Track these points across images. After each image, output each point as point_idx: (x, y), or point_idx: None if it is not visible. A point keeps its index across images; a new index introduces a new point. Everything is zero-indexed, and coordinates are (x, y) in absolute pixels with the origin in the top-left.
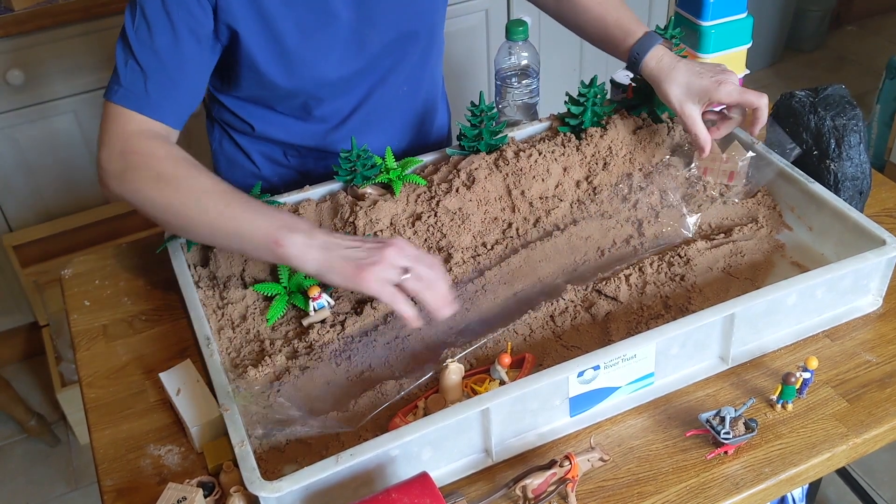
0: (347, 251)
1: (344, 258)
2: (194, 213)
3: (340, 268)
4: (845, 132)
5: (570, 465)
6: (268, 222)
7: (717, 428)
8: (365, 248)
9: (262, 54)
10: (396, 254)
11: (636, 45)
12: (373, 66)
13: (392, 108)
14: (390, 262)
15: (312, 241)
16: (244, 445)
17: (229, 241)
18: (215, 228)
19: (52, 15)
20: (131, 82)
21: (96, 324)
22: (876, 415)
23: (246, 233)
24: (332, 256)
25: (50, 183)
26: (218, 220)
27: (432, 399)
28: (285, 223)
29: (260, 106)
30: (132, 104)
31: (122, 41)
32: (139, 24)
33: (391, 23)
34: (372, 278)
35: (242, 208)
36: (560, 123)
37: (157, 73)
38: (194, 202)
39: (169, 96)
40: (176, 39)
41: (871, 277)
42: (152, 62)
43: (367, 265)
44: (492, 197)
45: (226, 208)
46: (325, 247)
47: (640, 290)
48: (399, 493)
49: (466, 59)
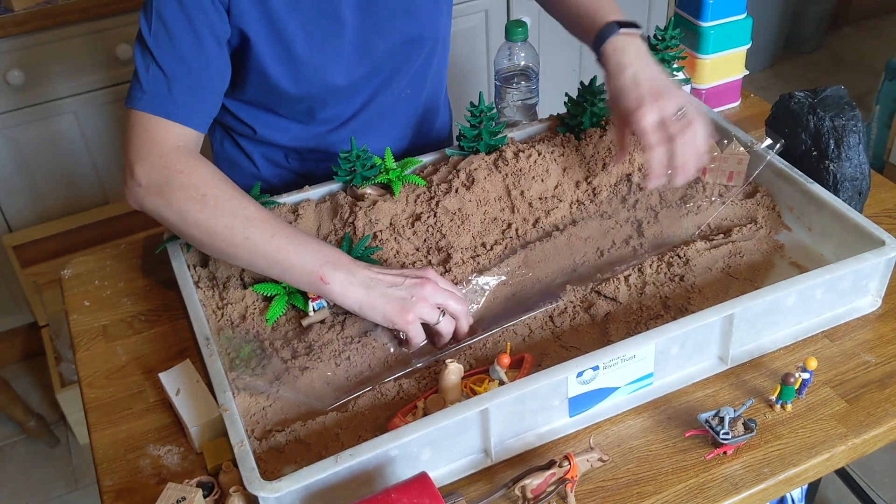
0: (389, 289)
1: (386, 297)
2: (238, 239)
3: (383, 307)
4: (844, 133)
5: (570, 466)
6: (312, 258)
7: (717, 428)
8: (405, 284)
9: (271, 60)
10: (434, 291)
11: (596, 37)
12: (377, 71)
13: (394, 111)
14: (430, 301)
15: (354, 278)
16: (243, 445)
17: (270, 270)
18: (258, 256)
19: (53, 15)
20: (155, 87)
21: (96, 324)
22: (875, 415)
23: (289, 265)
24: (375, 295)
25: (50, 183)
26: (262, 248)
27: (432, 399)
28: (328, 259)
29: (263, 110)
30: (158, 109)
31: (141, 47)
32: (157, 30)
33: (396, 28)
34: (414, 320)
35: (287, 240)
36: (559, 124)
37: (182, 77)
38: (240, 228)
39: (195, 100)
40: (198, 43)
41: (870, 278)
42: (175, 66)
43: (410, 305)
44: (491, 197)
45: (271, 239)
46: (367, 284)
47: (640, 290)
48: (398, 493)
49: (466, 59)
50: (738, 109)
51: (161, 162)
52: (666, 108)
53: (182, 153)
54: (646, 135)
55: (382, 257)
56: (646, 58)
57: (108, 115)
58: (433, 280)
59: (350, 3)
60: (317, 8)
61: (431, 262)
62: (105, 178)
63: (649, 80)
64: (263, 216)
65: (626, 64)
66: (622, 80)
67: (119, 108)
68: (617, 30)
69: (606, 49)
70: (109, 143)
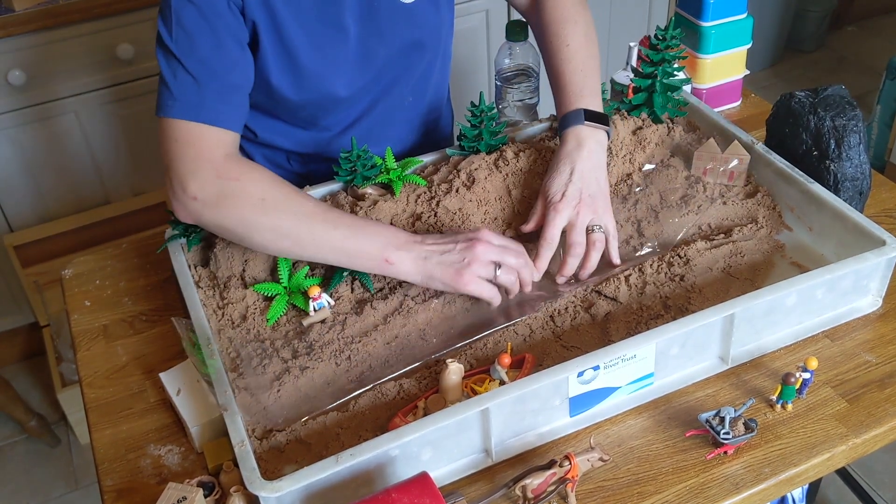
0: (443, 256)
1: (441, 265)
2: (305, 235)
3: (440, 275)
4: (845, 133)
5: (570, 465)
6: (373, 243)
7: (717, 428)
8: (457, 249)
9: (275, 66)
10: (486, 249)
11: (564, 117)
12: (378, 78)
13: (396, 117)
14: (482, 259)
15: (412, 253)
16: (244, 445)
17: (338, 259)
18: (325, 249)
19: (54, 15)
20: (185, 94)
21: (97, 324)
22: (875, 415)
23: (355, 253)
24: (431, 266)
25: (51, 183)
26: (328, 241)
27: (432, 399)
28: (389, 241)
29: (264, 114)
30: (191, 114)
31: (164, 53)
32: (178, 36)
33: (397, 35)
34: (471, 280)
35: (349, 230)
36: None
37: (209, 80)
38: (304, 226)
39: (225, 101)
40: (220, 45)
41: (870, 278)
42: (201, 70)
43: (464, 268)
44: (492, 197)
45: (335, 230)
46: (424, 257)
47: (640, 290)
48: (399, 493)
49: (467, 59)
50: (739, 109)
51: (213, 172)
52: (580, 216)
53: (232, 161)
54: (548, 227)
55: None
56: (596, 160)
57: (110, 115)
58: (484, 239)
59: (353, 11)
60: (320, 16)
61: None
62: (106, 178)
63: (583, 183)
64: (322, 209)
65: (575, 158)
66: (562, 170)
67: (120, 108)
68: (582, 121)
69: (567, 134)
70: (110, 143)
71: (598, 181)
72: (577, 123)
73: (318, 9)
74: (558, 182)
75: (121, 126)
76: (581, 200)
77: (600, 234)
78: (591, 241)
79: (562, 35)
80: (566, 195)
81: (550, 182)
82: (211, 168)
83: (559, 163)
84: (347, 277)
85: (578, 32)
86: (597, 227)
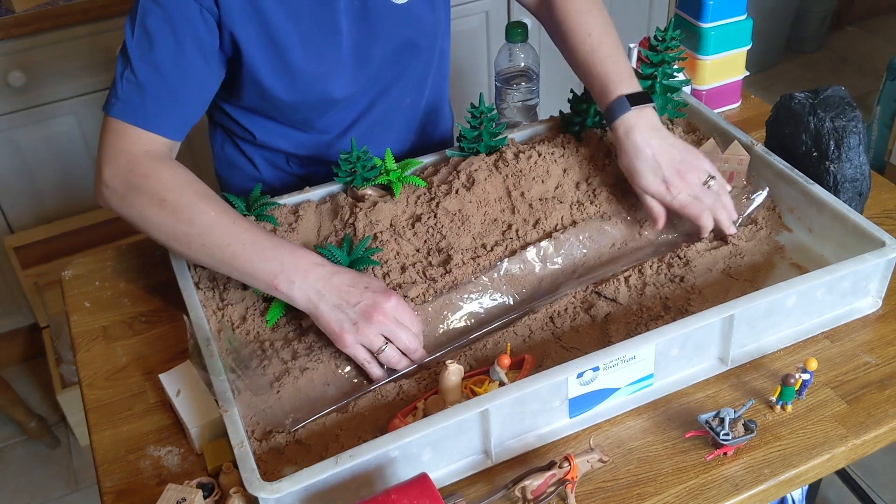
0: (334, 309)
1: (331, 313)
2: (195, 245)
3: (326, 324)
4: (845, 134)
5: (570, 467)
6: (267, 266)
7: (717, 429)
8: (354, 309)
9: (266, 70)
10: (380, 321)
11: (608, 109)
12: (374, 79)
13: (394, 119)
14: (373, 330)
15: (306, 283)
16: (244, 447)
17: (230, 274)
18: (217, 262)
19: (54, 17)
20: (128, 95)
21: (96, 325)
22: (875, 416)
23: (246, 273)
24: (323, 308)
25: (50, 185)
26: (219, 256)
27: (432, 400)
28: (284, 266)
29: (261, 116)
30: (129, 118)
31: (122, 54)
32: (139, 37)
33: (392, 35)
34: (352, 344)
35: (243, 248)
36: (560, 125)
37: (156, 87)
38: (196, 236)
39: (167, 109)
40: (179, 52)
41: (870, 279)
42: (151, 75)
43: (348, 331)
44: (492, 198)
45: (227, 247)
46: (317, 297)
47: (640, 291)
48: (398, 494)
49: (466, 60)
50: (739, 110)
51: (127, 166)
52: (692, 184)
53: (149, 158)
54: (687, 209)
55: (383, 258)
56: (659, 133)
57: None
58: (386, 309)
59: (347, 12)
60: (313, 18)
61: (432, 262)
62: None
63: (668, 159)
64: (223, 222)
65: (643, 144)
66: (641, 162)
67: None
68: (629, 107)
69: (618, 128)
70: None
71: (674, 147)
72: (625, 111)
73: (312, 9)
74: (651, 177)
75: None
76: (679, 173)
77: (715, 183)
78: (715, 193)
79: (581, 26)
80: (668, 181)
81: (644, 181)
82: (126, 161)
83: (634, 160)
84: None
85: (596, 20)
86: (708, 180)
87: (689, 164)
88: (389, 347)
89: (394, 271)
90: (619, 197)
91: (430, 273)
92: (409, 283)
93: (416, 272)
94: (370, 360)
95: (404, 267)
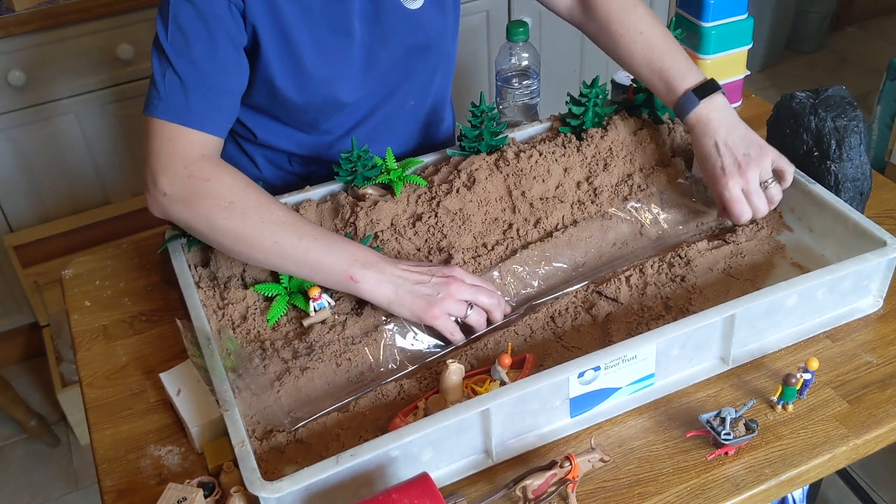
0: (416, 287)
1: (413, 294)
2: (268, 244)
3: (410, 304)
4: (846, 133)
5: (571, 466)
6: (341, 258)
7: (718, 429)
8: (432, 282)
9: (279, 69)
10: (459, 288)
11: (677, 106)
12: (382, 83)
13: (398, 121)
14: (456, 297)
15: (383, 275)
16: (244, 446)
17: (300, 271)
18: (288, 259)
19: (54, 15)
20: (171, 95)
21: (96, 324)
22: (876, 416)
23: (319, 266)
24: (402, 292)
25: (51, 183)
26: (292, 252)
27: (432, 399)
28: (357, 258)
29: (265, 116)
30: (176, 117)
31: (158, 52)
32: (173, 35)
33: (401, 39)
34: (441, 315)
35: (316, 242)
36: (561, 124)
37: (198, 83)
38: (269, 234)
39: (211, 105)
40: (214, 47)
41: (871, 278)
42: (191, 72)
43: (436, 302)
44: (492, 198)
45: (300, 241)
46: (395, 282)
47: (641, 290)
48: (399, 493)
49: (467, 59)
50: (740, 110)
51: (186, 171)
52: (750, 181)
53: (206, 161)
54: (730, 204)
55: None
56: (729, 123)
57: (109, 115)
58: (459, 277)
59: (360, 16)
60: (328, 21)
61: (432, 261)
62: (106, 179)
63: (732, 150)
64: (292, 219)
65: (711, 132)
66: (707, 147)
67: (120, 108)
68: (697, 101)
69: (691, 120)
70: (110, 144)
71: (742, 139)
72: (694, 106)
73: (327, 12)
74: (712, 164)
75: (120, 126)
76: (740, 166)
77: (774, 187)
78: (769, 196)
79: (630, 24)
80: (725, 169)
81: (708, 170)
82: (183, 166)
83: (703, 151)
84: None
85: (643, 16)
86: (769, 181)
87: (750, 160)
88: (474, 310)
89: None
90: (619, 197)
91: None
92: None
93: None
94: (454, 330)
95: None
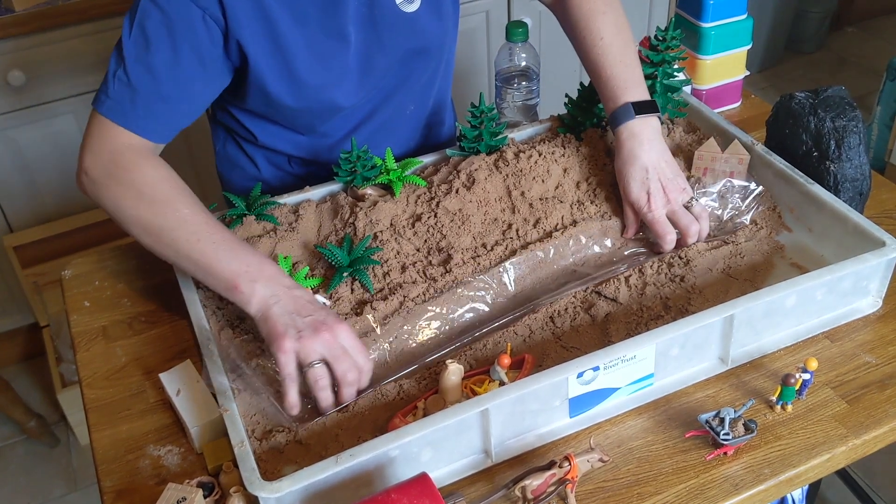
0: (289, 315)
1: (279, 318)
2: (166, 239)
3: (271, 325)
4: (845, 133)
5: (570, 466)
6: (232, 266)
7: (717, 429)
8: (307, 320)
9: (272, 77)
10: (326, 340)
11: (613, 115)
12: (378, 87)
13: (397, 124)
14: (315, 345)
15: (267, 290)
16: (244, 446)
17: (196, 273)
18: (183, 258)
19: (53, 16)
20: (118, 95)
21: (96, 325)
22: (875, 416)
23: (210, 271)
24: (273, 311)
25: (50, 184)
26: (186, 252)
27: (432, 400)
28: (250, 270)
29: (264, 119)
30: (117, 118)
31: (117, 51)
32: (136, 38)
33: (398, 44)
34: (288, 350)
35: (213, 247)
36: (560, 124)
37: (148, 91)
38: (168, 230)
39: (156, 114)
40: (176, 58)
41: (870, 279)
42: (144, 78)
43: (291, 336)
44: (492, 198)
45: (196, 243)
46: (275, 301)
47: (640, 291)
48: (399, 493)
49: (467, 60)
50: (739, 110)
51: (110, 157)
52: (673, 200)
53: (132, 152)
54: (656, 225)
55: (383, 258)
56: (658, 147)
57: None
58: (337, 331)
59: (355, 20)
60: (322, 26)
61: (432, 262)
62: None
63: (658, 173)
64: (196, 220)
65: (639, 153)
66: (631, 168)
67: None
68: (633, 115)
69: (621, 133)
70: None
71: (668, 164)
72: (628, 119)
73: (321, 17)
74: (637, 185)
75: None
76: (665, 189)
77: (698, 205)
78: (696, 214)
79: (593, 29)
80: (651, 193)
81: (630, 188)
82: (109, 152)
83: (627, 165)
84: (347, 278)
85: (609, 23)
86: (692, 201)
87: (674, 184)
88: (321, 367)
89: (394, 271)
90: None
91: (430, 272)
92: (410, 283)
93: (416, 272)
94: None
95: (404, 266)
